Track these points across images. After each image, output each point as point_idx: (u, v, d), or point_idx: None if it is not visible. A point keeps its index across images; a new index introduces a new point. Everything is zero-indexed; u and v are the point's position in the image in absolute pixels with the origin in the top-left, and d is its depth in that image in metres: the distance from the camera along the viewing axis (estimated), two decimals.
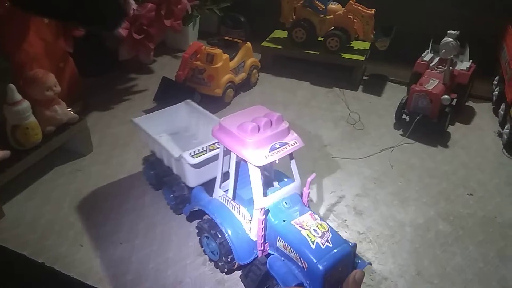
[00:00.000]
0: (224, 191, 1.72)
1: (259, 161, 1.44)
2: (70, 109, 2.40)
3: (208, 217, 1.71)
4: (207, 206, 1.70)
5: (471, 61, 3.01)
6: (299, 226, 1.51)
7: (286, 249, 1.51)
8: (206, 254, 1.82)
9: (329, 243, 1.45)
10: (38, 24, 2.43)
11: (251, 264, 1.61)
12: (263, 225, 1.51)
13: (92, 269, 1.80)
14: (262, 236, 1.54)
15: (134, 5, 2.74)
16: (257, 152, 1.45)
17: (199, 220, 1.81)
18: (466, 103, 3.12)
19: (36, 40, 2.44)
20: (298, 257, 1.45)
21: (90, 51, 3.14)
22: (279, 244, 1.54)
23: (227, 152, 1.66)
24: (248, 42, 3.17)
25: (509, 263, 1.88)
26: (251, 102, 3.12)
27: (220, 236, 1.63)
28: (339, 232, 1.55)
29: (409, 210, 2.18)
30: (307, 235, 1.47)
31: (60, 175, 2.35)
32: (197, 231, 1.80)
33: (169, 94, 2.89)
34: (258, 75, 3.36)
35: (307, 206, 1.70)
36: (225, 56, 2.92)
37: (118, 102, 3.05)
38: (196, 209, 1.80)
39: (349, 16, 3.22)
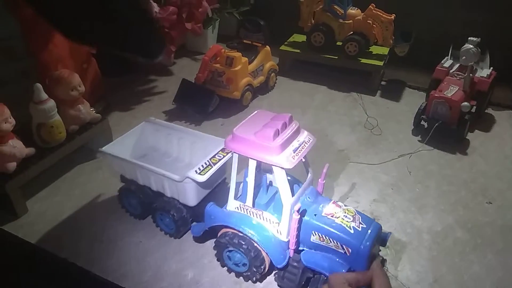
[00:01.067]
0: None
1: (287, 164, 1.46)
2: (92, 109, 2.46)
3: (229, 231, 1.70)
4: (228, 220, 1.69)
5: (491, 68, 2.99)
6: (331, 216, 1.57)
7: (324, 241, 1.55)
8: (229, 271, 1.80)
9: (362, 224, 1.54)
10: None
11: (286, 265, 1.64)
12: (298, 224, 1.54)
13: (112, 266, 1.84)
14: (295, 235, 1.56)
15: (156, 8, 2.80)
16: (283, 155, 1.47)
17: (216, 238, 1.77)
18: (486, 111, 3.09)
19: (61, 41, 2.50)
20: (339, 245, 1.52)
21: (111, 54, 3.21)
22: (314, 238, 1.57)
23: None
24: (267, 46, 3.19)
25: None
26: (269, 105, 3.14)
27: (249, 246, 1.63)
28: None
29: (426, 217, 2.17)
30: (342, 222, 1.54)
31: (82, 173, 2.40)
32: (216, 248, 1.77)
33: (189, 96, 2.94)
34: (276, 79, 3.38)
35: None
36: (244, 59, 2.95)
37: (138, 103, 3.11)
38: (207, 227, 1.78)
39: (368, 21, 3.23)
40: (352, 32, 3.31)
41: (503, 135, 2.88)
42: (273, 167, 1.51)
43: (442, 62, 3.06)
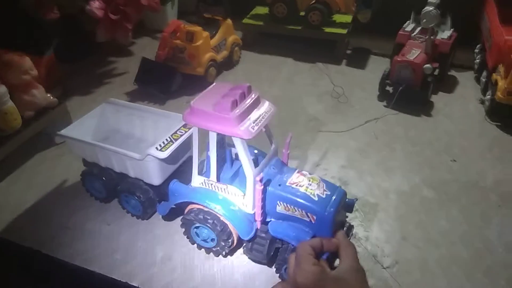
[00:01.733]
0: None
1: (247, 134, 1.43)
2: (49, 94, 2.36)
3: (194, 207, 1.67)
4: (193, 196, 1.67)
5: (452, 29, 3.02)
6: (295, 185, 1.56)
7: (289, 210, 1.54)
8: (198, 247, 1.78)
9: (327, 191, 1.55)
10: None
11: (254, 236, 1.63)
12: (262, 195, 1.52)
13: (79, 250, 1.80)
14: (260, 206, 1.55)
15: None
16: (243, 126, 1.44)
17: (183, 215, 1.74)
18: (449, 72, 3.13)
19: None
20: (304, 213, 1.52)
21: (66, 35, 3.07)
22: (280, 208, 1.57)
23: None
24: (229, 19, 3.12)
25: (492, 224, 1.92)
26: (235, 81, 3.09)
27: (215, 221, 1.61)
28: None
29: (394, 179, 2.20)
30: (306, 190, 1.54)
31: (43, 161, 2.32)
32: (183, 226, 1.75)
33: (150, 75, 2.85)
34: (240, 53, 3.32)
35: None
36: (206, 34, 2.87)
37: (98, 86, 3.00)
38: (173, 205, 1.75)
39: None
40: (314, 1, 3.27)
41: (466, 95, 2.93)
42: (233, 138, 1.48)
43: (404, 26, 3.07)
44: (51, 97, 2.35)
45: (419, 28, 2.99)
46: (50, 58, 2.71)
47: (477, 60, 3.12)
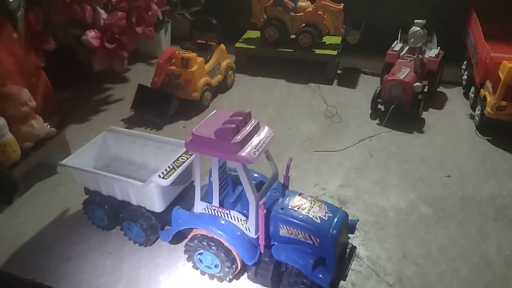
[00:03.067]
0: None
1: (249, 159, 1.46)
2: (47, 124, 2.38)
3: (197, 233, 1.69)
4: (196, 222, 1.69)
5: (439, 48, 3.11)
6: (298, 208, 1.59)
7: (292, 233, 1.57)
8: (202, 273, 1.78)
9: (328, 213, 1.58)
10: (8, 40, 2.39)
11: (257, 261, 1.64)
12: (265, 219, 1.55)
13: (83, 281, 1.79)
14: (263, 231, 1.57)
15: (104, 15, 2.73)
16: (244, 151, 1.47)
17: (187, 241, 1.75)
18: (438, 89, 3.21)
19: (6, 56, 2.40)
20: (307, 236, 1.55)
21: (63, 63, 3.10)
22: (283, 231, 1.59)
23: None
24: (222, 44, 3.19)
25: (489, 239, 1.96)
26: (230, 104, 3.14)
27: (219, 247, 1.63)
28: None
29: (391, 196, 2.24)
30: (308, 213, 1.57)
31: (42, 191, 2.32)
32: (186, 253, 1.76)
33: (147, 101, 2.89)
34: (234, 76, 3.38)
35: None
36: (200, 59, 2.93)
37: (94, 114, 3.03)
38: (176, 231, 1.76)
39: (318, 12, 3.28)
40: (304, 24, 3.36)
41: (456, 110, 3.01)
42: (235, 164, 1.51)
43: (392, 46, 3.16)
44: (49, 127, 2.37)
45: (407, 48, 3.08)
46: (46, 87, 2.74)
47: (465, 76, 3.21)
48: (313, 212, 1.57)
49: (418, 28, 2.91)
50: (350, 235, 1.83)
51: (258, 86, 3.37)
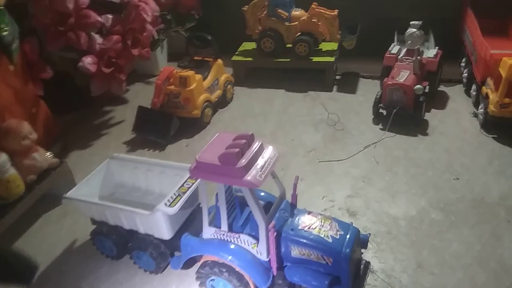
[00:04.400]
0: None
1: (256, 183, 1.44)
2: (49, 153, 2.36)
3: (208, 260, 1.66)
4: (206, 249, 1.66)
5: (437, 47, 3.09)
6: (308, 228, 1.56)
7: (304, 254, 1.54)
8: None
9: (340, 231, 1.55)
10: (4, 72, 2.38)
11: (271, 284, 1.62)
12: (276, 241, 1.52)
13: None
14: (275, 253, 1.55)
15: (99, 40, 2.72)
16: (250, 175, 1.45)
17: (197, 269, 1.72)
18: (438, 89, 3.19)
19: (4, 89, 2.39)
20: (319, 256, 1.52)
21: (61, 89, 3.10)
22: (295, 252, 1.56)
23: None
24: (219, 59, 3.17)
25: (505, 241, 1.93)
26: (231, 118, 3.12)
27: (230, 273, 1.60)
28: None
29: (400, 204, 2.21)
30: (319, 232, 1.54)
31: (48, 223, 2.30)
32: (198, 280, 1.73)
33: (147, 122, 2.87)
34: (233, 90, 3.37)
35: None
36: (198, 76, 2.92)
37: (96, 138, 3.01)
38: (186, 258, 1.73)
39: (313, 20, 3.27)
40: (299, 33, 3.34)
41: (459, 109, 2.98)
42: (242, 188, 1.49)
43: (389, 49, 3.14)
44: (52, 157, 2.35)
45: (404, 50, 3.06)
46: (46, 115, 2.73)
47: (465, 74, 3.18)
48: (324, 231, 1.55)
49: (415, 30, 2.89)
50: (362, 250, 1.81)
51: (257, 98, 3.35)
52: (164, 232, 1.78)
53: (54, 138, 2.80)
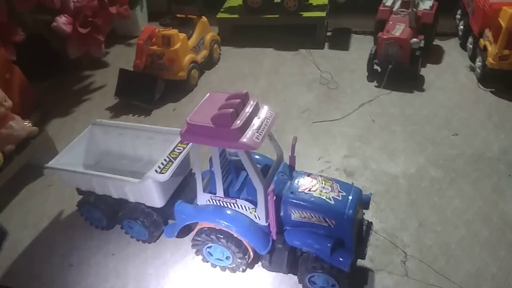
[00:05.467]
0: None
1: (253, 145, 1.34)
2: (27, 122, 2.21)
3: (204, 226, 1.58)
4: (202, 216, 1.58)
5: None
6: (309, 190, 1.49)
7: (305, 217, 1.48)
8: (213, 266, 1.70)
9: (342, 192, 1.49)
10: None
11: (271, 249, 1.56)
12: (275, 205, 1.44)
13: (90, 287, 1.70)
14: (274, 218, 1.47)
15: None
16: (247, 136, 1.35)
17: (193, 235, 1.65)
18: (434, 42, 3.07)
19: None
20: (321, 218, 1.46)
21: (36, 53, 2.90)
22: (295, 216, 1.50)
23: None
24: (203, 17, 2.98)
25: (506, 196, 1.89)
26: (219, 80, 2.98)
27: (228, 239, 1.53)
28: None
29: (399, 162, 2.14)
30: (320, 194, 1.47)
31: (33, 194, 2.18)
32: (194, 247, 1.66)
33: (130, 86, 2.71)
34: (220, 50, 3.20)
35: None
36: (182, 35, 2.74)
37: (77, 104, 2.85)
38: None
39: None
40: None
41: (455, 63, 2.89)
42: (238, 151, 1.39)
43: (383, 1, 2.98)
44: (30, 125, 2.21)
45: (399, 2, 2.92)
46: (21, 82, 2.55)
47: (461, 26, 3.06)
48: (326, 192, 1.47)
49: None
50: (364, 210, 1.75)
51: (246, 57, 3.20)
52: (156, 200, 1.68)
53: (32, 106, 2.63)
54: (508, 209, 1.82)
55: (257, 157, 1.68)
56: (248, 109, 1.42)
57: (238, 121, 1.37)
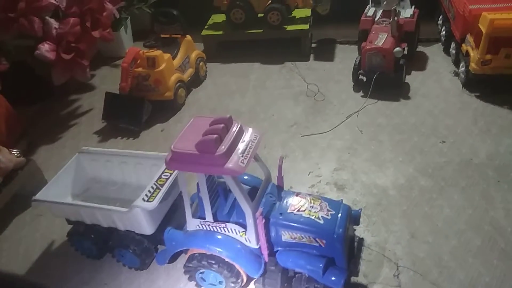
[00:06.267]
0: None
1: (238, 169, 1.33)
2: (14, 151, 2.20)
3: (195, 252, 1.57)
4: (192, 242, 1.57)
5: (413, 6, 2.99)
6: (297, 211, 1.49)
7: (295, 238, 1.48)
8: None
9: (331, 210, 1.49)
10: None
11: (263, 272, 1.55)
12: (265, 228, 1.44)
13: None
14: (265, 240, 1.47)
15: (55, 24, 2.51)
16: (232, 161, 1.35)
17: (185, 263, 1.63)
18: (417, 49, 3.10)
19: None
20: (311, 238, 1.45)
21: (21, 80, 2.89)
22: (286, 237, 1.49)
23: None
24: (188, 35, 2.99)
25: (495, 202, 1.90)
26: (207, 97, 2.98)
27: (220, 264, 1.52)
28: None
29: (388, 173, 2.15)
30: (309, 215, 1.47)
31: (22, 225, 2.16)
32: (186, 273, 1.65)
33: (117, 109, 2.71)
34: (206, 67, 3.20)
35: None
36: (167, 55, 2.74)
37: (64, 130, 2.83)
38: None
39: None
40: (270, 1, 3.18)
41: (439, 69, 2.91)
42: (224, 176, 1.38)
43: (365, 11, 3.01)
44: (18, 155, 2.19)
45: (380, 11, 2.94)
46: (7, 110, 2.53)
47: (443, 32, 3.10)
48: (314, 212, 1.47)
49: None
50: (355, 226, 1.75)
51: (232, 73, 3.20)
52: (146, 228, 1.67)
53: (19, 134, 2.61)
54: (498, 216, 1.83)
55: (245, 177, 1.67)
56: (232, 134, 1.42)
57: (223, 147, 1.37)
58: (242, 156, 1.39)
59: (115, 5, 2.93)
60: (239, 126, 1.46)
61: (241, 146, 1.42)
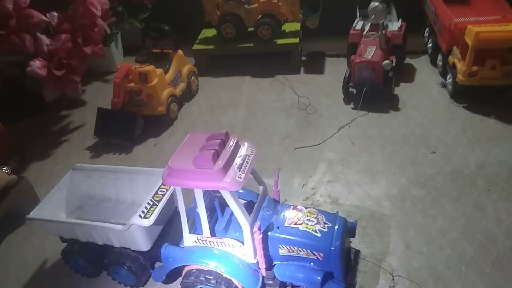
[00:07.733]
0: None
1: (236, 185, 1.35)
2: (5, 169, 2.17)
3: (192, 268, 1.56)
4: (189, 258, 1.56)
5: (400, 19, 3.06)
6: (294, 224, 1.50)
7: (293, 252, 1.48)
8: None
9: (327, 223, 1.50)
10: None
11: (261, 286, 1.55)
12: (262, 242, 1.44)
13: None
14: (262, 254, 1.47)
15: (46, 40, 2.50)
16: (229, 176, 1.36)
17: (182, 279, 1.62)
18: (405, 61, 3.16)
19: None
20: (309, 252, 1.46)
21: (11, 97, 2.88)
22: (283, 251, 1.50)
23: None
24: (179, 50, 3.01)
25: (487, 211, 1.93)
26: (199, 111, 2.99)
27: (218, 279, 1.52)
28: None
29: (381, 184, 2.17)
30: (307, 228, 1.48)
31: (14, 244, 2.13)
32: None
33: (110, 124, 2.70)
34: (198, 81, 3.22)
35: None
36: (159, 70, 2.75)
37: (56, 146, 2.81)
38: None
39: (273, 1, 3.15)
40: (260, 16, 3.22)
41: (427, 81, 2.97)
42: (221, 191, 1.39)
43: (353, 25, 3.07)
44: (9, 173, 2.17)
45: (368, 25, 3.00)
46: None
47: (429, 44, 3.17)
48: (311, 225, 1.49)
49: (378, 3, 2.83)
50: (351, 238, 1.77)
51: (224, 87, 3.23)
52: (142, 244, 1.66)
53: (10, 151, 2.58)
54: (490, 225, 1.86)
55: (241, 191, 1.68)
56: (229, 149, 1.43)
57: (220, 162, 1.38)
58: (239, 171, 1.40)
59: (106, 20, 2.93)
60: (235, 141, 1.47)
61: (238, 161, 1.44)
